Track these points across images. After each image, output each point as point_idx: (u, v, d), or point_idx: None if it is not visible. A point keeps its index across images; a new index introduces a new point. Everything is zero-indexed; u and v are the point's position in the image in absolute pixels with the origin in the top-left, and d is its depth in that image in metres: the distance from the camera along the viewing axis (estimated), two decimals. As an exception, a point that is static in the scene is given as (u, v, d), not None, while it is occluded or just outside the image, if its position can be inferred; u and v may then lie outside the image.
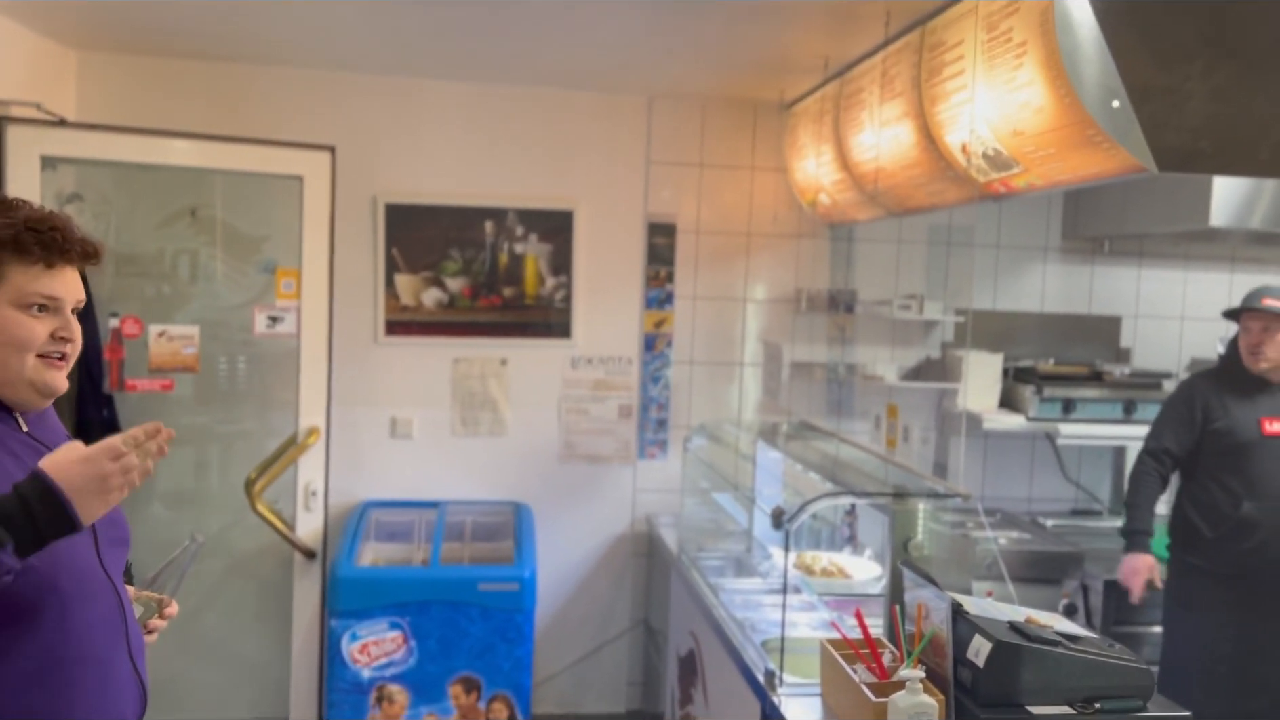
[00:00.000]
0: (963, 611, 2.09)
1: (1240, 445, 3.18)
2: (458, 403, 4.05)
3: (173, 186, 3.86)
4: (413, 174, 3.96)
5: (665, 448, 4.15)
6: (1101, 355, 4.20)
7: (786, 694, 2.34)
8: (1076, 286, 4.29)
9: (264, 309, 3.74)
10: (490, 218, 3.99)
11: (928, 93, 2.62)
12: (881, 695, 1.99)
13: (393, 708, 3.36)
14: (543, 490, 4.11)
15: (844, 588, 3.03)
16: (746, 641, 2.68)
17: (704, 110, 4.09)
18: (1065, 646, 1.98)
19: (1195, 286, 4.33)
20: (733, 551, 3.61)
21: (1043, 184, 2.35)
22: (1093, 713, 1.94)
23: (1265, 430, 3.19)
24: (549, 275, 4.04)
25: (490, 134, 4.00)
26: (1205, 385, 3.29)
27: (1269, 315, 3.15)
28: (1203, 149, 2.00)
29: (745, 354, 4.19)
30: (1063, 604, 3.46)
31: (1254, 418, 3.20)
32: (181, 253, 3.88)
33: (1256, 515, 3.15)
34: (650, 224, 4.09)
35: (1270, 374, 3.21)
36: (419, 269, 3.97)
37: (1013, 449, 4.24)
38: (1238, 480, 3.18)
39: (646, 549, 4.17)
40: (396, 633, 3.34)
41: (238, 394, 3.90)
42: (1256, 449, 3.18)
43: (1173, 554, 3.30)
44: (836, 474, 2.87)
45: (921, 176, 2.83)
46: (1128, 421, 3.82)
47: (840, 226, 4.04)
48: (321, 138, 3.81)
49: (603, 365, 4.11)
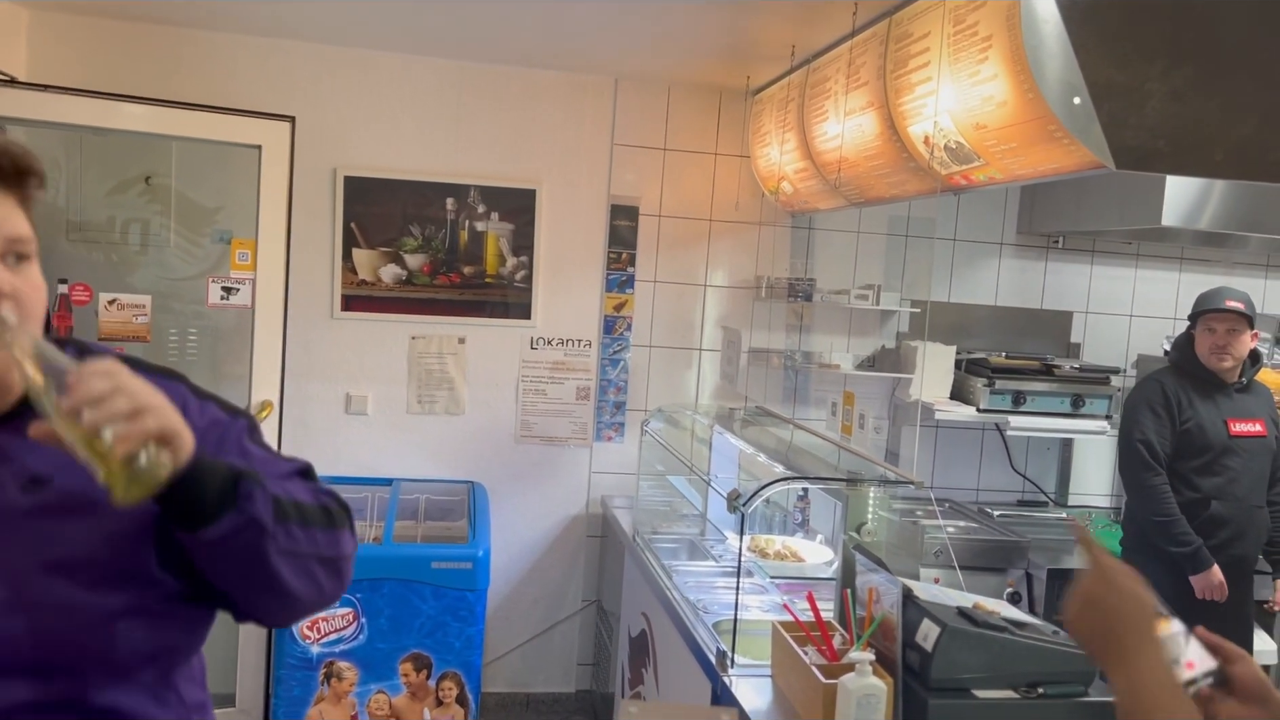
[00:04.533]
0: (913, 596, 2.13)
1: (1209, 446, 3.25)
2: (414, 381, 4.02)
3: (126, 153, 3.78)
4: (374, 147, 3.91)
5: (622, 431, 4.16)
6: (1052, 349, 4.28)
7: (737, 675, 2.37)
8: (1030, 281, 4.36)
9: (218, 280, 3.68)
10: (451, 194, 3.96)
11: (893, 84, 2.65)
12: (831, 677, 2.01)
13: (341, 684, 3.34)
14: (498, 470, 4.10)
15: (796, 571, 3.07)
16: (698, 622, 2.70)
17: (669, 94, 4.08)
18: (1012, 632, 2.03)
19: (1144, 285, 4.42)
20: (687, 534, 3.64)
21: (1003, 178, 2.38)
22: (1036, 697, 1.99)
23: (1232, 431, 3.27)
24: (510, 255, 4.02)
25: (454, 110, 3.96)
26: (1172, 384, 3.34)
27: (1234, 316, 3.22)
28: (1160, 149, 2.03)
29: (704, 339, 4.21)
30: (1007, 592, 3.53)
31: (1220, 419, 3.27)
32: (134, 221, 3.81)
33: (1223, 514, 3.23)
34: (613, 206, 4.09)
35: (1228, 374, 3.29)
36: (378, 244, 3.93)
37: (963, 439, 4.31)
38: (1207, 480, 3.25)
39: (601, 531, 4.18)
40: (347, 609, 3.32)
41: (189, 366, 3.84)
42: (1225, 450, 3.25)
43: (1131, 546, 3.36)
44: (791, 459, 2.89)
45: (884, 167, 2.85)
46: (1076, 415, 3.90)
47: (801, 215, 4.06)
48: (281, 108, 3.75)
49: (562, 347, 4.10)
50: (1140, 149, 2.03)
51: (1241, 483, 3.26)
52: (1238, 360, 3.27)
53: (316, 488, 1.28)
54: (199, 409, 1.26)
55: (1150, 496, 3.22)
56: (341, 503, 1.29)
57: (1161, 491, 3.22)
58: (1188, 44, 2.06)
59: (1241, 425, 3.28)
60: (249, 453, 1.26)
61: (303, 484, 1.26)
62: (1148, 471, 3.24)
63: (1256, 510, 3.31)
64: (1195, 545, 3.16)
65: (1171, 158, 2.06)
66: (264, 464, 1.24)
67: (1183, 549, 3.15)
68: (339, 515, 1.26)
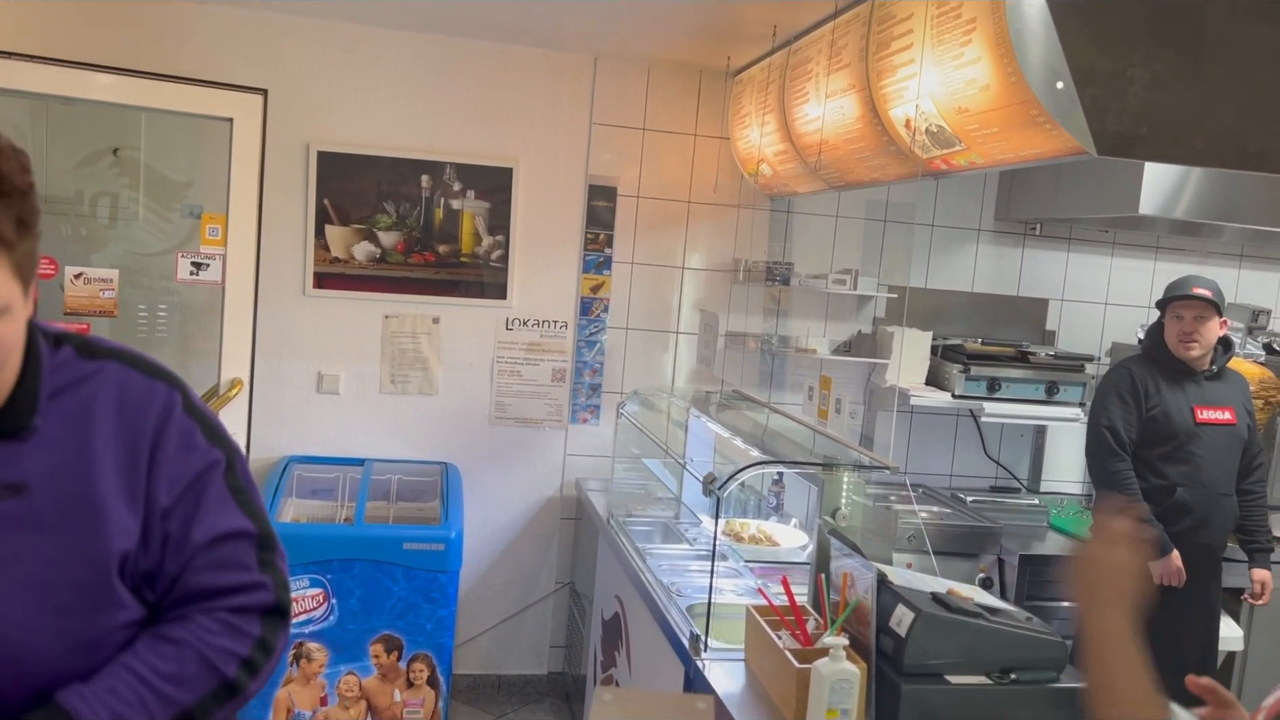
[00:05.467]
0: (887, 582, 2.12)
1: (1176, 433, 3.27)
2: (387, 360, 3.98)
3: (94, 124, 3.70)
4: (348, 122, 3.85)
5: (598, 413, 4.13)
6: (1028, 336, 4.29)
7: (711, 658, 2.36)
8: (1007, 268, 4.37)
9: (188, 255, 3.62)
10: (427, 171, 3.90)
11: (874, 66, 2.62)
12: (805, 662, 2.01)
13: (311, 665, 3.31)
14: (472, 452, 4.07)
15: (771, 555, 3.06)
16: (672, 606, 2.69)
17: (649, 73, 4.04)
18: (985, 619, 2.03)
19: (1120, 273, 4.44)
20: (661, 518, 3.63)
21: (984, 163, 2.37)
22: (1009, 683, 1.99)
23: (1199, 418, 3.29)
24: (485, 234, 3.97)
25: (430, 85, 3.90)
26: (1141, 371, 3.35)
27: (1201, 303, 3.24)
28: (1141, 135, 2.03)
29: (681, 322, 4.19)
30: (979, 577, 3.54)
31: (1187, 406, 3.29)
32: (102, 194, 3.74)
33: (1189, 500, 3.25)
34: (591, 186, 4.05)
35: (1197, 362, 3.31)
36: (351, 221, 3.87)
37: (937, 425, 4.32)
38: (1173, 467, 3.27)
39: (575, 513, 4.16)
40: (317, 590, 3.29)
41: (157, 342, 3.77)
42: (1191, 437, 3.27)
43: None
44: (767, 443, 2.88)
45: (864, 150, 2.84)
46: (1050, 402, 3.92)
47: (780, 198, 4.04)
48: (254, 80, 3.69)
49: (538, 328, 4.06)
50: (1122, 135, 2.02)
51: (1207, 470, 3.28)
52: (1206, 347, 3.28)
53: (235, 628, 1.24)
54: (181, 427, 1.23)
55: (1114, 482, 3.24)
56: (264, 641, 1.26)
57: (1125, 477, 3.24)
58: (1170, 31, 2.05)
59: (1209, 413, 3.30)
60: (202, 499, 1.23)
61: (201, 650, 1.21)
62: (1112, 458, 3.26)
63: (1223, 498, 3.33)
64: (1156, 532, 3.18)
65: (1152, 145, 2.05)
66: (207, 521, 1.22)
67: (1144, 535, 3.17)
68: (240, 679, 1.23)
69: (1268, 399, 3.80)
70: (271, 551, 1.29)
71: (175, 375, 1.26)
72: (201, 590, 1.22)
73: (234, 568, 1.24)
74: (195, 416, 1.25)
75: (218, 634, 1.22)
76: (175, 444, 1.22)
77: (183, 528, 1.21)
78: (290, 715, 3.32)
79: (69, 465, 1.16)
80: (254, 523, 1.28)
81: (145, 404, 1.22)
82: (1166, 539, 3.18)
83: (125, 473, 1.18)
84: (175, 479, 1.21)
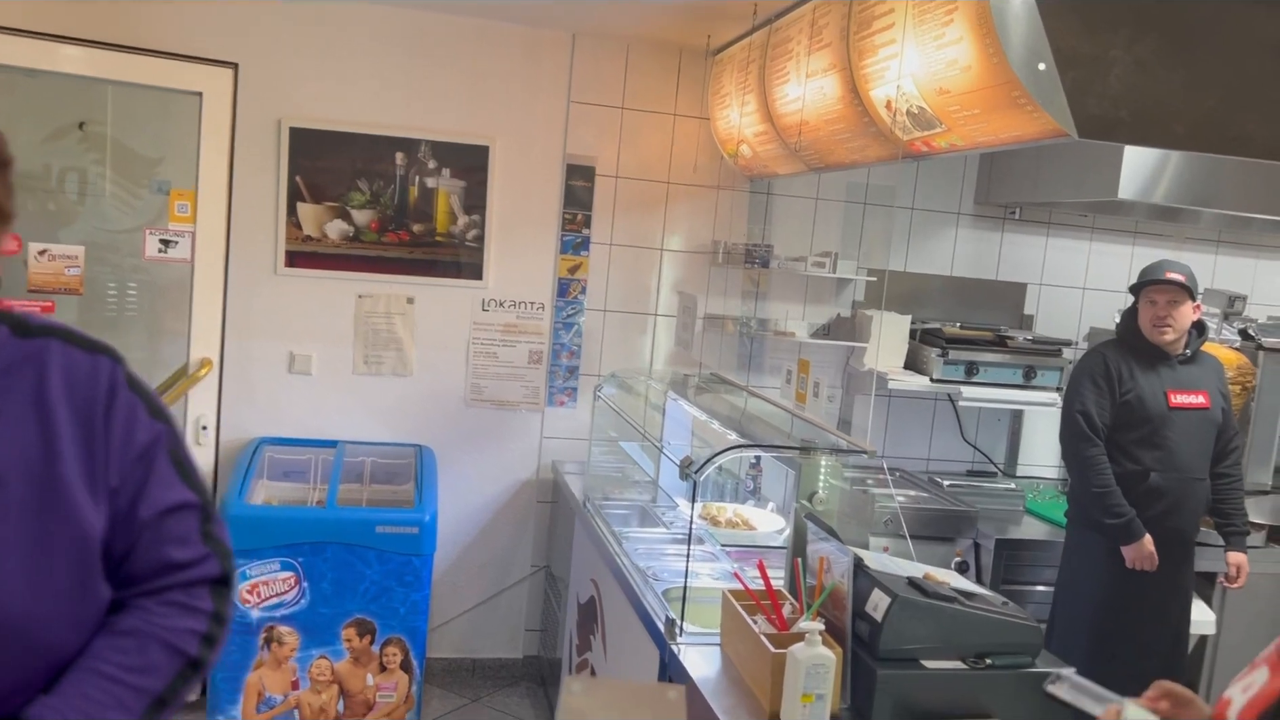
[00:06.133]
0: (863, 566, 2.11)
1: (1149, 417, 3.27)
2: (360, 340, 3.92)
3: (60, 97, 3.62)
4: (321, 98, 3.78)
5: (575, 396, 4.10)
6: (1006, 321, 4.29)
7: (686, 643, 2.34)
8: (986, 252, 4.36)
9: (156, 231, 3.55)
10: (401, 149, 3.84)
11: (856, 46, 2.59)
12: (781, 646, 1.99)
13: (282, 649, 3.28)
14: (447, 434, 4.03)
15: (747, 539, 3.05)
16: (648, 590, 2.67)
17: (628, 51, 3.99)
18: (961, 603, 2.02)
19: (1098, 258, 4.45)
20: (638, 501, 3.61)
21: (964, 145, 2.34)
22: (984, 668, 1.98)
23: (1171, 403, 3.29)
24: (461, 213, 3.92)
25: (405, 61, 3.83)
26: (1115, 356, 3.35)
27: (1174, 288, 3.24)
28: (1122, 118, 2.01)
29: (659, 304, 4.16)
30: (955, 561, 3.55)
31: (1160, 390, 3.29)
32: (69, 170, 3.65)
33: (1162, 485, 3.26)
34: (569, 165, 4.00)
35: (1171, 347, 3.31)
36: (324, 198, 3.81)
37: (915, 409, 4.32)
38: (1146, 452, 3.27)
39: (551, 496, 4.14)
40: (289, 573, 3.25)
41: (125, 320, 3.70)
42: (1164, 421, 3.27)
43: (1074, 518, 3.39)
44: (745, 427, 2.86)
45: (845, 131, 2.81)
46: (1027, 387, 3.92)
47: (760, 180, 4.01)
48: (224, 54, 3.61)
49: (514, 309, 4.02)
50: (1103, 118, 2.00)
51: (1180, 455, 3.28)
52: (1179, 332, 3.28)
53: (186, 605, 1.23)
54: (126, 402, 1.23)
55: (1087, 467, 3.25)
56: (217, 614, 1.25)
57: (1098, 462, 3.24)
58: (1153, 14, 2.03)
59: (1182, 397, 3.30)
60: (149, 474, 1.22)
61: (154, 641, 1.20)
62: (1085, 442, 3.26)
63: (1196, 483, 3.34)
64: (1128, 517, 3.19)
65: (1133, 128, 2.04)
66: (153, 496, 1.22)
67: (1116, 520, 3.18)
68: (203, 655, 1.23)
69: (1244, 384, 3.82)
70: (212, 522, 1.29)
71: (112, 347, 1.26)
72: (152, 567, 1.22)
73: (182, 542, 1.24)
74: (138, 391, 1.26)
75: (173, 616, 1.22)
76: (122, 421, 1.22)
77: (130, 504, 1.21)
78: (261, 699, 3.28)
79: (35, 451, 1.15)
80: (197, 494, 1.28)
81: (91, 382, 1.21)
82: (1139, 524, 3.19)
83: (84, 454, 1.18)
84: (124, 456, 1.21)
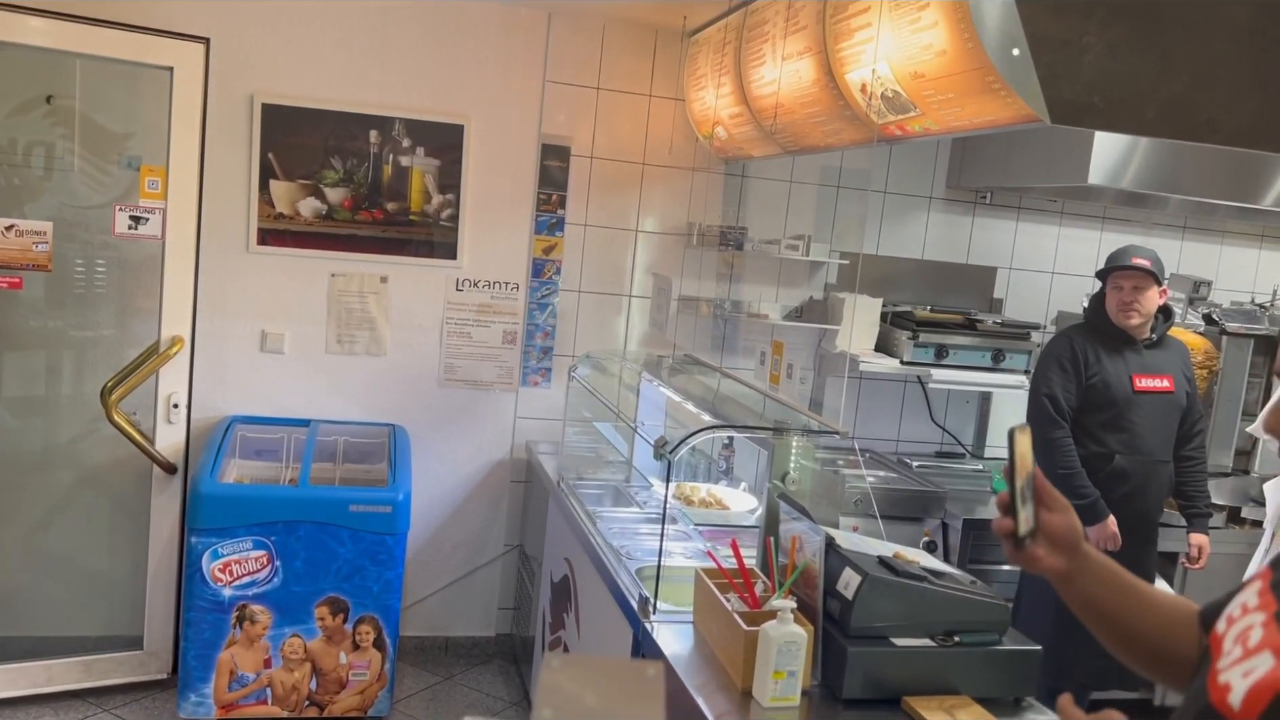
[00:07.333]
0: (834, 545, 2.14)
1: (1114, 401, 3.33)
2: (334, 319, 3.90)
3: (26, 70, 3.56)
4: (294, 74, 3.74)
5: (549, 376, 4.10)
6: (976, 304, 4.33)
7: (659, 621, 2.36)
8: (957, 236, 4.40)
9: (126, 208, 3.51)
10: (375, 127, 3.81)
11: (831, 29, 2.60)
12: (753, 624, 2.02)
13: (254, 627, 3.27)
14: (421, 413, 4.02)
15: (721, 519, 3.07)
16: (621, 568, 2.69)
17: (604, 31, 3.98)
18: (930, 582, 2.05)
19: (1067, 242, 4.50)
20: (612, 481, 3.62)
21: (938, 129, 2.36)
22: (952, 645, 2.02)
23: (1136, 386, 3.35)
24: (436, 192, 3.90)
25: (380, 38, 3.80)
26: (1081, 340, 3.40)
27: (1140, 273, 3.29)
28: (1094, 104, 2.03)
29: (634, 285, 4.16)
30: (923, 541, 3.59)
31: (1126, 374, 3.35)
32: (35, 144, 3.59)
33: (1127, 468, 3.32)
34: (544, 145, 3.99)
35: (1137, 331, 3.36)
36: (297, 176, 3.78)
37: (885, 391, 4.36)
38: (1111, 435, 3.33)
39: (525, 476, 4.15)
40: (261, 552, 3.24)
41: (95, 297, 3.66)
42: (1129, 405, 3.33)
43: None
44: (718, 408, 2.88)
45: (820, 115, 2.82)
46: (996, 370, 3.97)
47: (735, 162, 4.02)
48: (195, 28, 3.57)
49: (488, 289, 4.01)
50: (1075, 104, 2.03)
51: (1144, 438, 3.35)
52: (1146, 316, 3.34)
53: None
54: None
55: (1052, 449, 3.30)
56: None
57: (1063, 445, 3.30)
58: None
59: (1147, 380, 3.36)
60: None
61: None
62: (1051, 425, 3.31)
63: (1160, 465, 3.40)
64: (1093, 498, 3.25)
65: (1105, 113, 2.06)
66: None
67: (1081, 501, 3.24)
68: None
69: (1209, 368, 3.89)
70: None
71: None
72: None
73: None
74: None
75: None
76: None
77: None
78: (233, 678, 3.28)
79: None
80: None
81: None
82: (1103, 505, 3.25)
83: None
84: None
